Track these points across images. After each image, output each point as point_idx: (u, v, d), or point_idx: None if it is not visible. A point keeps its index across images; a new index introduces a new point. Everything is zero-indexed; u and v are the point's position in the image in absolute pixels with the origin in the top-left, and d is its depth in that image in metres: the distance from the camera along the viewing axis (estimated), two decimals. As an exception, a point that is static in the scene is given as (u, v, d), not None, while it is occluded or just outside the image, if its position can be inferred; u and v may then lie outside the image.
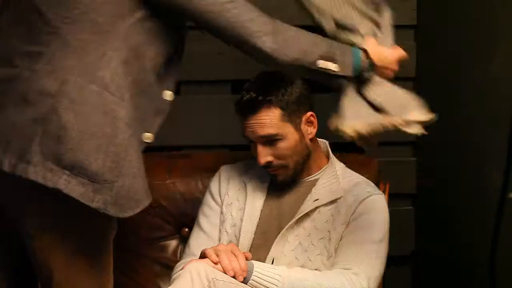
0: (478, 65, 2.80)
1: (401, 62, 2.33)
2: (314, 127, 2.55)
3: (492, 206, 2.39)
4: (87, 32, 2.05)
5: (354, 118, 2.22)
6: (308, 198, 2.54)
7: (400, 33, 3.18)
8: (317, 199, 2.52)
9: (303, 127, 2.52)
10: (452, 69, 3.03)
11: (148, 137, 2.14)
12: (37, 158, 1.97)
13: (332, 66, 2.18)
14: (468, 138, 2.90)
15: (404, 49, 3.18)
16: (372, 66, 2.26)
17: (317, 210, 2.51)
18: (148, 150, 2.20)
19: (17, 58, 2.06)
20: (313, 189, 2.55)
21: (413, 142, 3.24)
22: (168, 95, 2.18)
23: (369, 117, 2.22)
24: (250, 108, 2.48)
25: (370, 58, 2.25)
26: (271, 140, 2.48)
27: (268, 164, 2.51)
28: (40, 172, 1.97)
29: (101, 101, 2.03)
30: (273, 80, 2.51)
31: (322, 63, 2.17)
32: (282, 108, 2.48)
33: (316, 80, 2.26)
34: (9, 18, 2.13)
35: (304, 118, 2.52)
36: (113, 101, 2.04)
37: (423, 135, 3.26)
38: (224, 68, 3.14)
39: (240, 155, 2.82)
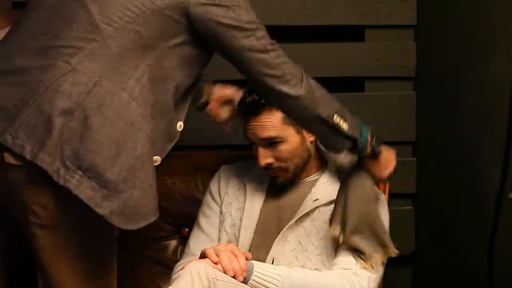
0: (477, 65, 2.80)
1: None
2: None
3: (491, 206, 2.39)
4: (129, 41, 2.07)
5: (357, 233, 2.38)
6: (307, 198, 2.54)
7: (400, 33, 3.21)
8: (317, 199, 2.52)
9: (303, 130, 2.52)
10: (452, 69, 3.03)
11: (156, 160, 2.15)
12: (56, 151, 1.97)
13: (343, 124, 2.27)
14: (467, 138, 2.90)
15: (404, 49, 3.20)
16: (379, 145, 2.39)
17: (317, 210, 2.51)
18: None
19: (53, 49, 2.06)
20: (312, 189, 2.56)
21: (413, 142, 3.24)
22: (180, 125, 2.21)
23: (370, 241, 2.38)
24: (252, 110, 2.49)
25: (376, 138, 2.39)
26: (272, 143, 2.49)
27: (268, 166, 2.51)
28: (54, 166, 1.97)
29: (129, 111, 2.04)
30: None
31: (336, 118, 2.26)
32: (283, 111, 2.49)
33: (322, 140, 2.38)
34: (48, 7, 2.13)
35: None
36: (139, 113, 2.06)
37: (423, 135, 3.27)
38: (224, 68, 3.14)
39: (240, 155, 2.82)
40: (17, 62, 2.06)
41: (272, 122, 2.48)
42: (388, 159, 2.44)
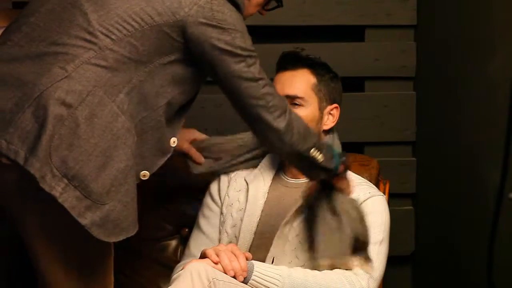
0: (477, 65, 2.80)
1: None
2: (332, 122, 2.57)
3: (491, 206, 2.39)
4: (124, 54, 2.08)
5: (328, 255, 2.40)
6: None
7: (400, 33, 3.21)
8: None
9: (325, 113, 2.54)
10: (452, 69, 3.03)
11: (145, 175, 2.15)
12: (45, 157, 1.97)
13: (319, 157, 2.28)
14: (467, 138, 2.90)
15: (404, 49, 3.20)
16: (346, 166, 2.39)
17: None
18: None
19: (50, 55, 2.06)
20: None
21: (413, 142, 3.25)
22: (173, 141, 2.21)
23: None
24: (291, 62, 2.52)
25: (345, 158, 2.38)
26: (293, 103, 2.49)
27: None
28: (42, 171, 1.97)
29: (117, 124, 2.04)
30: (323, 64, 2.57)
31: (312, 152, 2.27)
32: (318, 80, 2.52)
33: (299, 170, 2.40)
34: (47, 12, 2.13)
35: (330, 106, 2.55)
36: (126, 127, 2.06)
37: (423, 135, 3.27)
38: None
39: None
40: (13, 66, 2.06)
41: (303, 82, 2.50)
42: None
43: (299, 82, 2.51)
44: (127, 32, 2.09)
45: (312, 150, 2.27)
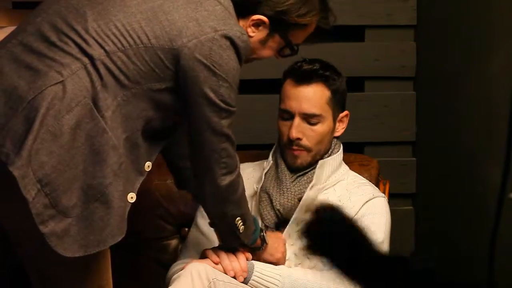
0: (477, 65, 2.80)
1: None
2: (342, 128, 2.58)
3: (491, 206, 2.39)
4: (114, 70, 2.04)
5: None
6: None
7: (400, 33, 3.21)
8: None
9: (337, 121, 2.55)
10: (452, 69, 3.03)
11: (132, 197, 2.10)
12: (27, 159, 1.95)
13: (241, 227, 2.27)
14: (468, 138, 2.90)
15: (404, 49, 3.20)
16: (265, 239, 2.38)
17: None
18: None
19: (47, 59, 2.04)
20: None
21: (413, 142, 3.24)
22: (148, 166, 2.15)
23: None
24: (306, 77, 2.49)
25: (265, 235, 2.38)
26: (310, 120, 2.49)
27: (297, 141, 2.50)
28: (21, 172, 1.95)
29: (101, 139, 2.01)
30: (331, 66, 2.56)
31: (237, 220, 2.26)
32: (332, 92, 2.51)
33: (214, 224, 2.36)
34: (52, 13, 2.11)
35: (341, 114, 2.56)
36: (111, 145, 2.02)
37: (423, 135, 3.26)
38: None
39: (240, 155, 2.81)
40: (14, 66, 2.04)
41: (319, 98, 2.49)
42: (274, 249, 2.43)
43: (316, 99, 2.49)
44: (121, 46, 2.05)
45: (237, 219, 2.25)
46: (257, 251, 2.39)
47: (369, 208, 2.50)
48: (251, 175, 2.62)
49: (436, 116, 3.15)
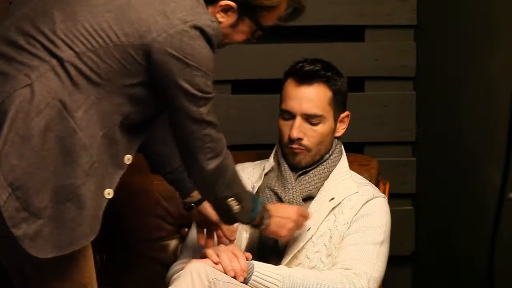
0: (477, 65, 2.80)
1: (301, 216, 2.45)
2: (343, 128, 2.58)
3: (491, 206, 2.39)
4: (86, 69, 2.03)
5: None
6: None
7: (400, 33, 3.21)
8: (333, 198, 2.52)
9: (338, 121, 2.56)
10: (452, 69, 3.03)
11: (109, 193, 2.09)
12: None
13: (235, 208, 2.26)
14: (468, 138, 2.90)
15: (404, 49, 3.20)
16: (267, 215, 2.37)
17: (332, 212, 2.51)
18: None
19: (15, 62, 2.03)
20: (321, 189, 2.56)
21: (413, 142, 3.24)
22: (127, 159, 2.14)
23: None
24: (308, 78, 2.50)
25: (268, 209, 2.37)
26: (311, 120, 2.49)
27: (298, 141, 2.50)
28: None
29: (72, 140, 2.00)
30: (332, 67, 2.57)
31: (230, 201, 2.25)
32: (334, 92, 2.52)
33: (210, 203, 2.36)
34: (21, 16, 2.09)
35: (342, 114, 2.57)
36: (82, 146, 2.01)
37: (423, 135, 3.26)
38: (224, 68, 3.14)
39: (240, 155, 2.82)
40: None
41: (321, 99, 2.50)
42: (278, 226, 2.41)
43: (317, 100, 2.50)
44: (90, 46, 2.04)
45: (229, 199, 2.25)
46: (259, 228, 2.39)
47: (369, 208, 2.50)
48: (251, 174, 2.63)
49: (436, 116, 3.15)
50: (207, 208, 2.47)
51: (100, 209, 2.07)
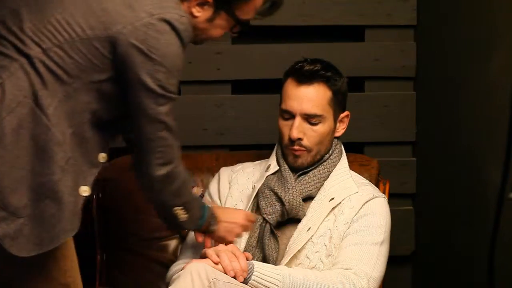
0: (477, 65, 2.81)
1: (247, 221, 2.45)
2: (343, 128, 2.58)
3: (491, 206, 2.39)
4: (53, 66, 2.02)
5: None
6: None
7: (400, 33, 3.21)
8: (333, 198, 2.52)
9: (338, 121, 2.56)
10: (452, 69, 3.03)
11: (85, 190, 2.08)
12: None
13: (183, 217, 2.25)
14: (467, 138, 2.90)
15: (404, 49, 3.20)
16: (215, 222, 2.37)
17: (332, 212, 2.52)
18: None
19: None
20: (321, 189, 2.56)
21: (413, 142, 3.25)
22: (102, 157, 2.13)
23: None
24: (308, 78, 2.50)
25: (215, 214, 2.37)
26: (311, 120, 2.50)
27: (298, 141, 2.50)
28: None
29: (45, 137, 2.00)
30: (332, 67, 2.57)
31: (177, 209, 2.23)
32: (334, 92, 2.52)
33: (154, 208, 2.32)
34: None
35: (342, 114, 2.57)
36: (56, 142, 2.00)
37: (423, 135, 3.26)
38: (224, 68, 3.15)
39: (240, 155, 2.82)
40: None
41: (321, 99, 2.50)
42: (226, 232, 2.41)
43: (317, 100, 2.50)
44: (56, 41, 2.02)
45: (176, 208, 2.23)
46: (206, 233, 2.38)
47: (369, 208, 2.50)
48: (252, 174, 2.63)
49: (436, 116, 3.15)
50: None
51: (78, 205, 2.05)
